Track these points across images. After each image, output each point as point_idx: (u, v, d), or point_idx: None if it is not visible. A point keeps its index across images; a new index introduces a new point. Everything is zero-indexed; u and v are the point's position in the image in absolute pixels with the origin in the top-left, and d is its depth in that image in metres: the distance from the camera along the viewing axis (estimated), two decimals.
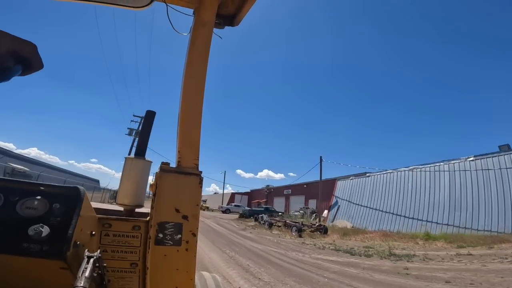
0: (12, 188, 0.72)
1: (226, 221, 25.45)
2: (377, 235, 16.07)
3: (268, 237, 15.01)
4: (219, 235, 14.50)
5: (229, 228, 18.77)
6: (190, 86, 1.18)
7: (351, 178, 26.68)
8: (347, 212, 24.43)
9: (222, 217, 31.41)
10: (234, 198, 57.05)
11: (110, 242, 0.96)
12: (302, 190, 39.75)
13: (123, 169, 1.19)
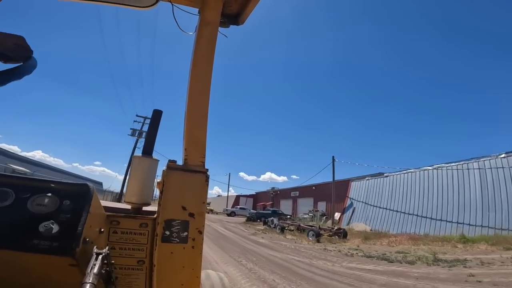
0: (23, 185, 0.72)
1: (233, 225, 23.94)
2: (403, 238, 14.60)
3: (283, 243, 13.49)
4: (229, 241, 13.00)
5: (238, 233, 17.26)
6: (195, 85, 1.19)
7: (366, 179, 25.12)
8: (363, 214, 22.88)
9: (228, 221, 29.90)
10: (239, 200, 55.46)
11: (118, 239, 0.96)
12: (310, 192, 38.11)
13: (130, 167, 1.25)
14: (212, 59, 1.24)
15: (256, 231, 19.44)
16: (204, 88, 1.19)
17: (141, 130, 35.14)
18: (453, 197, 16.71)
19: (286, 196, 44.93)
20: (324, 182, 35.61)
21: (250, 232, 18.57)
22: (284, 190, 46.97)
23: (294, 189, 43.19)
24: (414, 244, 13.11)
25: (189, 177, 1.03)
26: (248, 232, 18.18)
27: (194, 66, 1.20)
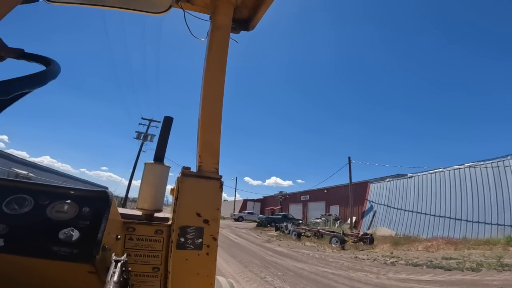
0: (42, 192, 0.72)
1: (244, 231, 22.41)
2: (440, 243, 12.97)
3: (304, 251, 11.97)
4: (245, 250, 11.51)
5: (252, 240, 15.75)
6: (209, 91, 1.20)
7: (387, 180, 23.38)
8: (386, 218, 21.19)
9: (237, 226, 28.37)
10: (246, 205, 53.77)
11: (134, 246, 0.97)
12: (322, 196, 36.36)
13: (142, 174, 1.23)
14: (224, 64, 1.25)
15: (269, 237, 17.91)
16: (217, 94, 1.20)
17: (146, 133, 34.12)
18: (490, 197, 15.01)
19: (296, 200, 43.19)
20: (337, 185, 33.91)
21: (264, 239, 17.05)
22: (294, 194, 45.24)
23: (304, 193, 41.44)
24: (456, 248, 11.61)
25: (204, 183, 1.03)
26: (261, 239, 16.66)
27: (207, 72, 1.22)
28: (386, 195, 22.44)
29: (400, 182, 21.72)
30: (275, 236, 18.79)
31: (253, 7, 1.38)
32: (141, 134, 34.51)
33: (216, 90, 1.19)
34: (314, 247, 13.64)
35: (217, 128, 1.15)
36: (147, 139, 34.50)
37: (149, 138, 34.55)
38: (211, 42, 1.26)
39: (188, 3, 1.39)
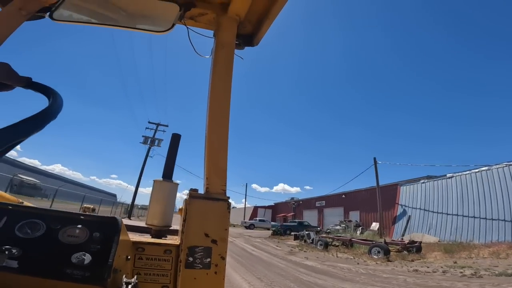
0: (54, 217, 0.75)
1: (259, 240, 20.22)
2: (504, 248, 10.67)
3: (341, 265, 9.81)
4: (268, 266, 9.38)
5: (272, 252, 13.59)
6: (215, 110, 1.18)
7: (422, 182, 20.92)
8: (424, 223, 18.78)
9: (250, 234, 26.19)
10: (257, 212, 51.41)
11: (143, 265, 0.98)
12: (339, 201, 33.85)
13: (151, 191, 1.27)
14: (230, 82, 1.24)
15: (291, 248, 15.73)
16: (224, 113, 1.18)
17: (153, 137, 32.69)
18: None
19: (310, 206, 40.67)
20: (357, 190, 31.43)
21: (285, 250, 14.87)
22: (308, 200, 42.71)
23: (319, 198, 38.91)
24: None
25: (211, 205, 1.04)
26: (282, 250, 14.49)
27: (212, 91, 1.21)
28: (421, 198, 20.03)
29: (437, 184, 19.30)
30: (296, 246, 16.58)
31: (256, 22, 1.40)
32: (148, 139, 33.08)
33: (222, 109, 1.19)
34: (350, 259, 11.44)
35: (224, 149, 1.14)
36: (154, 144, 33.10)
37: (156, 143, 33.11)
38: (215, 60, 1.25)
39: (192, 20, 1.40)
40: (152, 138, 33.77)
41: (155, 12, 1.32)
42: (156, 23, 1.32)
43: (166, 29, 1.22)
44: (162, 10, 1.29)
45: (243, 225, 41.29)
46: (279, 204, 52.75)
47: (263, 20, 1.35)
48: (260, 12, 1.35)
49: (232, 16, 1.32)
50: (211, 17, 1.38)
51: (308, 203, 41.58)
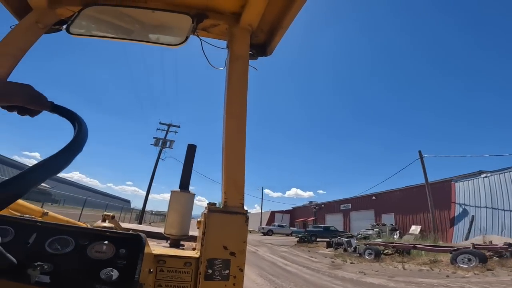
0: (82, 233, 0.78)
1: (285, 249, 17.43)
2: None
3: (429, 281, 6.94)
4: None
5: (310, 266, 10.76)
6: (231, 124, 1.18)
7: (484, 176, 17.52)
8: (494, 223, 15.48)
9: (271, 242, 23.39)
10: (274, 217, 48.50)
11: (165, 278, 1.00)
12: (369, 204, 30.50)
13: (169, 201, 1.33)
14: (245, 95, 1.23)
15: (330, 259, 12.85)
16: (240, 127, 1.18)
17: (165, 138, 30.74)
18: None
19: (333, 209, 37.40)
20: (389, 190, 28.09)
21: (324, 262, 12.03)
22: (330, 203, 39.35)
23: (344, 201, 35.62)
24: None
25: (229, 218, 1.05)
26: (321, 263, 11.66)
27: (228, 105, 1.20)
28: (485, 194, 16.69)
29: (507, 176, 15.92)
30: (334, 256, 13.68)
31: (269, 31, 1.40)
32: (159, 140, 31.24)
33: (239, 123, 1.19)
34: (428, 272, 8.50)
35: (241, 163, 1.15)
36: (166, 145, 31.26)
37: (168, 145, 31.18)
38: (230, 73, 1.25)
39: (204, 31, 1.41)
40: (163, 139, 31.93)
41: (169, 25, 1.37)
42: (170, 36, 1.39)
43: (180, 42, 1.25)
44: (175, 23, 1.34)
45: (260, 231, 38.45)
46: (298, 208, 49.59)
47: (276, 29, 1.36)
48: (273, 21, 1.35)
49: (245, 26, 1.33)
50: (223, 28, 1.39)
51: (331, 207, 38.30)
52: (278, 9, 1.28)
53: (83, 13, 1.29)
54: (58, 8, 1.32)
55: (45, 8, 1.29)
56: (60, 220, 1.67)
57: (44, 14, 1.28)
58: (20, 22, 1.27)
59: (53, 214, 1.62)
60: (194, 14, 1.30)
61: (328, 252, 15.57)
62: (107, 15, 1.34)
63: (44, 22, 1.27)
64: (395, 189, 27.47)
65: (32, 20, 1.25)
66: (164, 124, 32.00)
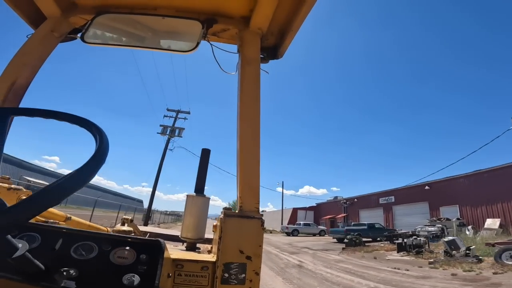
0: (104, 239, 0.80)
1: (340, 258, 12.59)
2: None
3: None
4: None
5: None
6: (246, 129, 1.18)
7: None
8: None
9: (305, 245, 18.61)
10: (297, 214, 43.56)
11: (182, 282, 1.01)
12: (421, 195, 25.09)
13: (185, 205, 1.37)
14: (258, 99, 1.23)
15: (437, 269, 8.00)
16: (255, 132, 1.18)
17: (173, 126, 26.53)
18: None
19: (370, 204, 32.10)
20: (449, 177, 22.68)
21: (434, 275, 7.19)
22: (365, 197, 33.91)
23: (385, 193, 30.22)
24: None
25: (245, 223, 1.05)
26: (436, 278, 6.85)
27: (242, 109, 1.21)
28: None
29: None
30: (434, 263, 8.83)
31: (279, 34, 1.40)
32: (166, 128, 27.07)
33: (253, 127, 1.18)
34: None
35: (256, 168, 1.14)
36: (175, 133, 27.04)
37: (177, 133, 26.93)
38: (242, 78, 1.25)
39: (215, 36, 1.42)
40: (171, 127, 27.80)
41: (180, 31, 1.39)
42: (182, 42, 1.41)
43: (191, 49, 1.26)
44: (185, 29, 1.35)
45: (283, 231, 33.67)
46: (323, 204, 44.40)
47: (286, 32, 1.35)
48: (282, 24, 1.35)
49: (255, 30, 1.33)
50: (233, 32, 1.39)
51: (367, 201, 32.96)
52: (288, 12, 1.29)
53: (95, 21, 1.33)
54: (71, 16, 1.37)
55: (59, 17, 1.35)
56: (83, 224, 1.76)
57: (59, 23, 1.34)
58: (36, 31, 1.33)
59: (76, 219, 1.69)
60: (204, 20, 1.32)
61: (407, 259, 10.69)
62: (119, 23, 1.39)
63: (59, 31, 1.34)
64: (458, 175, 22.06)
65: (47, 29, 1.32)
66: (172, 110, 27.68)
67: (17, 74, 1.20)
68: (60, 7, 1.32)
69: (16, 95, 1.20)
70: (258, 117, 1.20)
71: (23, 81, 1.22)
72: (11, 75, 1.19)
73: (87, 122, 0.66)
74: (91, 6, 1.36)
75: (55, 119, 0.68)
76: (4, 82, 1.18)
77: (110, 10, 1.35)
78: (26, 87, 1.24)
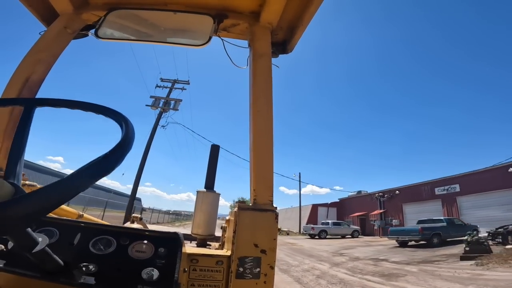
0: (122, 233, 0.80)
1: (469, 272, 5.96)
2: None
3: None
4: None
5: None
6: (258, 123, 1.18)
7: None
8: None
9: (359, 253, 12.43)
10: (317, 212, 36.87)
11: (197, 277, 1.00)
12: (502, 180, 18.37)
13: (195, 201, 1.36)
14: (270, 92, 1.23)
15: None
16: (267, 125, 1.18)
17: (167, 97, 20.13)
18: None
19: (420, 196, 25.31)
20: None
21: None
22: (413, 188, 26.80)
23: (444, 181, 23.36)
24: None
25: (260, 216, 1.04)
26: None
27: (254, 103, 1.21)
28: None
29: None
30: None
31: (288, 29, 1.41)
32: (159, 101, 20.47)
33: (265, 121, 1.18)
34: None
35: (269, 161, 1.14)
36: (170, 106, 20.50)
37: (172, 105, 20.51)
38: (254, 72, 1.25)
39: (225, 31, 1.42)
40: (166, 98, 21.14)
41: (191, 26, 1.40)
42: (193, 36, 1.41)
43: (203, 43, 1.28)
44: (197, 24, 1.36)
45: (306, 233, 26.96)
46: (347, 200, 37.67)
47: (296, 27, 1.36)
48: (292, 19, 1.36)
49: (265, 24, 1.33)
50: (244, 27, 1.39)
51: (415, 192, 26.04)
52: (297, 7, 1.29)
53: (108, 17, 1.34)
54: (84, 13, 1.37)
55: (72, 14, 1.35)
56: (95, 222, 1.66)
57: (71, 19, 1.34)
58: (49, 28, 1.34)
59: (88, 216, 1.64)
60: (214, 15, 1.33)
61: None
62: (131, 18, 1.39)
63: (72, 27, 1.34)
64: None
65: (60, 26, 1.32)
66: (168, 80, 20.99)
67: (31, 70, 1.22)
68: (73, 4, 1.34)
69: (30, 91, 1.22)
70: (271, 110, 1.20)
71: (37, 77, 1.24)
72: (25, 71, 1.21)
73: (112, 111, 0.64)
74: (103, 3, 1.39)
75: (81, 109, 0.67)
76: (18, 78, 1.20)
77: (121, 6, 1.38)
78: (40, 83, 1.26)
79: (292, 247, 16.20)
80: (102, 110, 0.65)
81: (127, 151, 0.53)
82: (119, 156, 0.51)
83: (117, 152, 0.51)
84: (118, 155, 0.51)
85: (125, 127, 0.58)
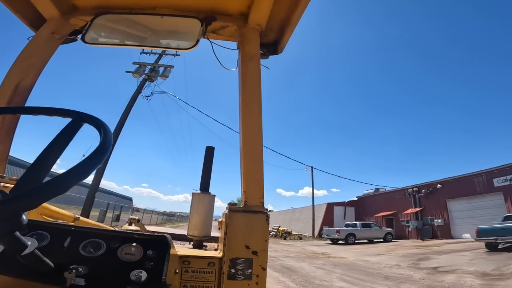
0: (112, 236, 0.81)
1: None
2: None
3: None
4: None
5: None
6: (249, 125, 1.19)
7: None
8: None
9: (458, 268, 7.12)
10: (333, 211, 31.85)
11: (189, 278, 1.00)
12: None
13: (191, 203, 1.39)
14: (260, 94, 1.23)
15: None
16: (257, 127, 1.18)
17: (155, 63, 16.01)
18: None
19: (472, 189, 20.51)
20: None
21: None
22: (462, 180, 21.80)
23: (504, 169, 18.68)
24: None
25: (251, 218, 1.05)
26: None
27: (244, 105, 1.21)
28: None
29: None
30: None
31: (278, 29, 1.40)
32: (144, 68, 15.96)
33: (255, 123, 1.18)
34: None
35: (259, 162, 1.14)
36: (159, 73, 15.89)
37: (161, 72, 15.90)
38: (243, 74, 1.25)
39: (214, 34, 1.42)
40: (153, 64, 16.43)
41: (179, 30, 1.41)
42: (182, 40, 1.42)
43: (191, 46, 1.27)
44: (185, 27, 1.36)
45: (328, 237, 22.03)
46: (369, 197, 32.83)
47: (285, 27, 1.36)
48: (281, 19, 1.35)
49: (254, 26, 1.33)
50: (232, 29, 1.39)
51: (465, 185, 21.27)
52: (286, 7, 1.28)
53: (95, 22, 1.33)
54: (71, 18, 1.37)
55: (59, 19, 1.34)
56: (91, 225, 1.69)
57: (59, 24, 1.34)
58: (37, 34, 1.33)
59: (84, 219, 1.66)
60: (202, 18, 1.32)
61: None
62: (119, 23, 1.39)
63: (60, 33, 1.34)
64: None
65: (48, 31, 1.31)
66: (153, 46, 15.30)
67: (21, 76, 1.23)
68: (60, 10, 1.33)
69: (21, 96, 1.23)
70: (260, 111, 1.20)
71: (27, 83, 1.25)
72: (15, 77, 1.22)
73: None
74: (90, 7, 1.38)
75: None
76: (9, 84, 1.21)
77: (109, 10, 1.37)
78: (31, 88, 1.27)
79: (332, 261, 11.02)
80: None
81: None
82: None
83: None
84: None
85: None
